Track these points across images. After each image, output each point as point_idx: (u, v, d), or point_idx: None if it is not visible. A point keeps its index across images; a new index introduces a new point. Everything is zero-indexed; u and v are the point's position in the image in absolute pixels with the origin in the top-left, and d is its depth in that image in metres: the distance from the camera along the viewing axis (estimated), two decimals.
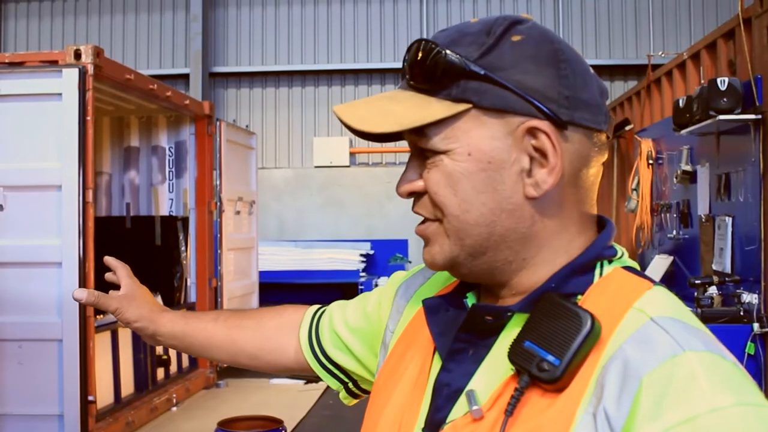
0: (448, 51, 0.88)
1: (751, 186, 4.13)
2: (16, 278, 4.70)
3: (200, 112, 7.01)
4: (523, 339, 0.83)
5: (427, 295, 1.06)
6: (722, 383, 0.72)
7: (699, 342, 0.77)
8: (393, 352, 1.07)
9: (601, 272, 0.89)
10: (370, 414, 1.03)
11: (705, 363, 0.74)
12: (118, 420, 5.18)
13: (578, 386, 0.79)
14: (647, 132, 6.02)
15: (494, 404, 0.84)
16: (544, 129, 0.87)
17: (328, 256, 9.12)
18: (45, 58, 4.91)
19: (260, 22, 10.67)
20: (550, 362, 0.79)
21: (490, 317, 0.89)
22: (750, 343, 3.82)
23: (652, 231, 5.86)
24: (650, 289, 0.85)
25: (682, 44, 9.41)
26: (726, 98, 4.13)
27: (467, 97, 0.87)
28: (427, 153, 0.90)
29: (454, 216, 0.89)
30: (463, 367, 0.89)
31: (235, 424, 3.86)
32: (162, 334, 1.41)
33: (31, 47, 10.76)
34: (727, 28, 4.72)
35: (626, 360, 0.76)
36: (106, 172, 7.22)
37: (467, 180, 0.88)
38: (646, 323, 0.80)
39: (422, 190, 0.92)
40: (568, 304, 0.82)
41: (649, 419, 0.71)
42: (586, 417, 0.76)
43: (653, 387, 0.73)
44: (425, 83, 0.89)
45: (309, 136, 10.59)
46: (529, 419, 0.80)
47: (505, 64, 0.87)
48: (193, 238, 7.13)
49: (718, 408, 0.69)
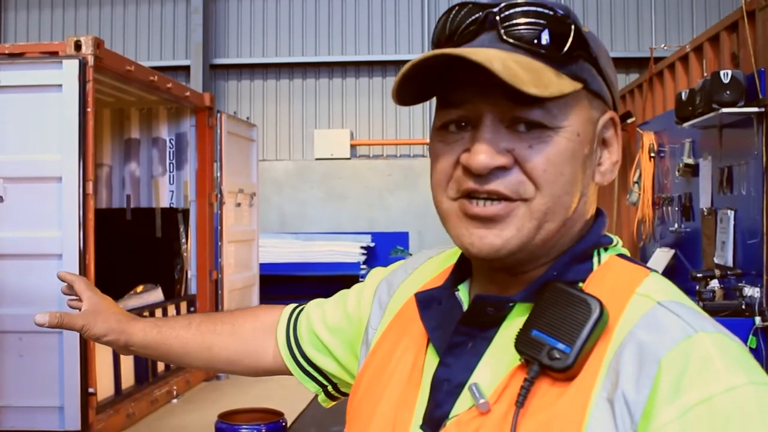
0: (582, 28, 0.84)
1: (754, 179, 4.11)
2: (17, 270, 4.69)
3: (201, 103, 6.99)
4: (530, 328, 0.81)
5: (410, 290, 1.03)
6: (735, 363, 0.74)
7: (709, 324, 0.78)
8: (378, 348, 1.03)
9: (599, 260, 0.89)
10: (359, 412, 0.99)
11: (717, 344, 0.75)
12: (119, 412, 5.18)
13: (589, 373, 0.78)
14: (649, 125, 6.00)
15: (500, 397, 0.82)
16: (616, 120, 0.90)
17: (328, 248, 9.11)
18: (45, 50, 4.89)
19: (261, 14, 10.64)
20: (561, 350, 0.78)
21: (491, 308, 0.87)
22: (752, 337, 3.82)
23: (653, 224, 5.85)
24: (649, 276, 0.86)
25: (684, 37, 9.38)
26: (729, 91, 4.12)
27: (583, 76, 0.85)
28: (529, 126, 0.83)
29: (553, 197, 0.83)
30: (462, 361, 0.87)
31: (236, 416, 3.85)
32: (134, 344, 1.35)
33: (31, 38, 10.73)
34: (730, 21, 4.70)
35: (640, 344, 0.76)
36: (106, 163, 7.21)
37: (574, 160, 0.84)
38: (654, 307, 0.80)
39: (512, 164, 0.83)
40: (575, 291, 0.81)
41: (668, 400, 0.72)
42: (600, 403, 0.76)
43: (672, 368, 0.73)
44: (556, 52, 0.83)
45: (310, 128, 10.58)
46: (541, 410, 0.79)
47: (598, 52, 0.87)
48: (193, 230, 7.12)
49: (733, 387, 0.71)
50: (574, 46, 0.83)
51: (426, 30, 10.35)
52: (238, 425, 3.67)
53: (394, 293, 1.09)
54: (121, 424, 5.18)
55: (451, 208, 0.86)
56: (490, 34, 0.84)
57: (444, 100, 0.87)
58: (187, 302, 6.96)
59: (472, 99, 0.83)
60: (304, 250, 9.28)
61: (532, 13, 0.82)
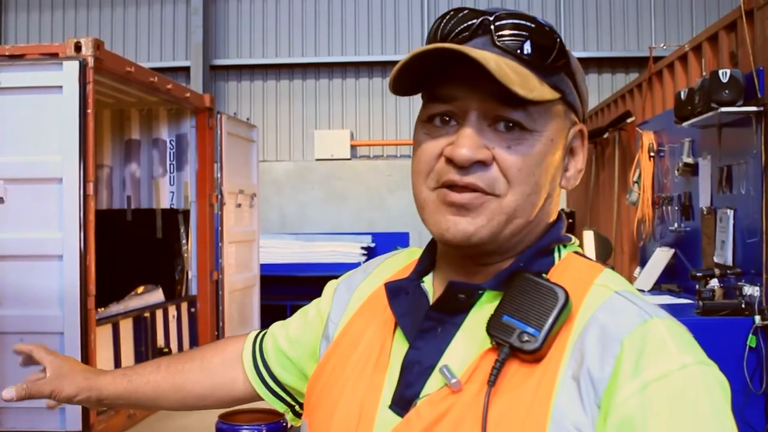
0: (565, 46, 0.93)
1: (753, 178, 4.11)
2: (17, 271, 4.70)
3: (201, 104, 7.00)
4: (501, 314, 0.88)
5: (371, 287, 1.10)
6: (685, 346, 0.84)
7: (660, 311, 0.88)
8: (340, 340, 1.07)
9: (559, 255, 0.97)
10: (322, 400, 1.02)
11: (669, 328, 0.85)
12: (120, 413, 5.18)
13: (556, 354, 0.85)
14: (649, 124, 6.00)
15: (471, 377, 0.88)
16: (584, 132, 0.99)
17: (329, 249, 9.12)
18: (45, 51, 4.90)
19: (261, 15, 10.64)
20: (531, 334, 0.85)
21: (463, 295, 0.93)
22: (751, 336, 3.82)
23: (653, 223, 5.85)
24: (604, 270, 0.95)
25: (683, 36, 9.38)
26: (728, 90, 4.12)
27: (562, 87, 0.93)
28: (510, 126, 0.90)
29: (524, 196, 0.90)
30: (432, 345, 0.92)
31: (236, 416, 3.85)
32: (106, 398, 1.36)
33: (31, 40, 10.74)
34: (729, 20, 4.70)
35: (603, 327, 0.85)
36: (106, 164, 7.22)
37: (545, 164, 0.92)
38: (613, 296, 0.89)
39: (491, 161, 0.89)
40: (543, 281, 0.89)
41: (630, 376, 0.80)
42: (567, 381, 0.83)
43: (632, 348, 0.82)
44: (542, 61, 0.90)
45: (310, 129, 10.58)
46: (511, 389, 0.85)
47: (577, 69, 0.96)
48: (194, 231, 7.12)
49: (685, 366, 0.82)
50: (557, 57, 0.91)
51: (425, 30, 10.34)
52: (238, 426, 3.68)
53: (354, 290, 1.14)
54: (122, 425, 5.18)
55: (430, 197, 0.92)
56: (484, 38, 0.91)
57: (432, 95, 0.93)
58: (187, 303, 6.96)
59: (460, 96, 0.89)
60: (304, 250, 9.28)
61: (523, 24, 0.90)
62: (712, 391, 0.82)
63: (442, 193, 0.91)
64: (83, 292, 4.65)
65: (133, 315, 5.91)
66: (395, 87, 0.92)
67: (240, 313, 7.53)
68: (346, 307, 1.13)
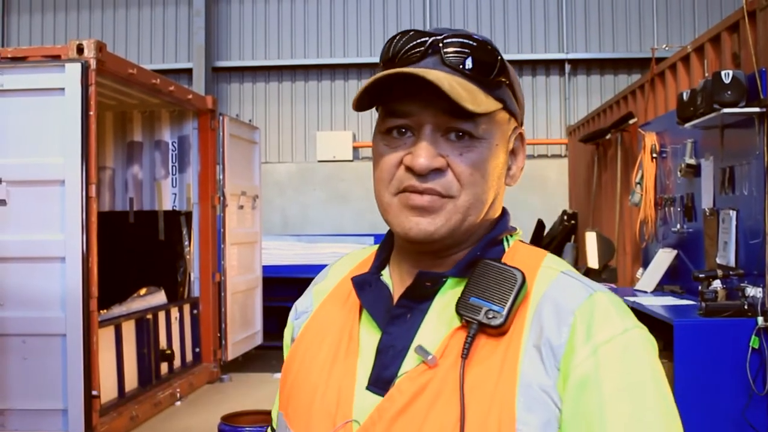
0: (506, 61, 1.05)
1: (756, 179, 4.11)
2: (20, 273, 4.70)
3: (203, 106, 7.00)
4: (468, 296, 1.00)
5: (329, 286, 1.21)
6: (624, 314, 1.00)
7: (599, 285, 1.04)
8: (305, 333, 1.16)
9: (508, 244, 1.10)
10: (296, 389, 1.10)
11: (610, 299, 1.01)
12: (122, 414, 5.19)
13: (518, 328, 0.98)
14: (651, 125, 5.99)
15: (444, 353, 0.99)
16: (523, 135, 1.12)
17: (331, 250, 9.11)
18: (48, 53, 4.91)
19: (263, 17, 10.66)
20: (495, 311, 0.98)
21: (429, 283, 1.04)
22: (754, 337, 3.80)
23: (656, 225, 5.84)
24: (547, 255, 1.09)
25: (686, 37, 9.38)
26: (730, 91, 4.11)
27: (503, 98, 1.05)
28: (461, 135, 1.01)
29: (475, 195, 1.02)
30: (403, 330, 1.03)
31: (239, 418, 3.86)
32: None
33: (34, 42, 10.76)
34: (731, 21, 4.69)
35: (556, 301, 0.99)
36: (109, 166, 7.22)
37: (493, 166, 1.04)
38: (559, 275, 1.04)
39: (445, 167, 1.01)
40: (502, 265, 1.02)
41: (583, 342, 0.95)
42: (530, 349, 0.96)
43: (583, 317, 0.97)
44: (485, 77, 1.02)
45: (312, 131, 10.59)
46: (481, 361, 0.97)
47: (514, 80, 1.08)
48: (196, 233, 7.12)
49: (627, 329, 0.97)
50: (499, 72, 1.03)
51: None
52: (241, 427, 3.69)
53: (312, 298, 1.23)
54: (125, 426, 5.19)
55: (393, 201, 1.04)
56: (434, 58, 1.02)
57: (389, 110, 1.04)
58: (190, 305, 6.97)
59: (416, 111, 1.01)
60: (306, 252, 9.29)
61: (468, 44, 1.02)
62: (648, 349, 0.99)
63: (404, 197, 1.02)
64: (85, 294, 4.65)
65: (136, 317, 5.91)
66: (358, 106, 1.03)
67: (242, 314, 7.53)
68: (306, 311, 1.22)
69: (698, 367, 3.83)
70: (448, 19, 10.32)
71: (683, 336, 3.87)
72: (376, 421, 0.99)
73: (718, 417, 3.80)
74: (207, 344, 7.04)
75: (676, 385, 3.85)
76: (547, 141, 10.36)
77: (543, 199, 10.08)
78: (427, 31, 1.04)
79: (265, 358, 7.98)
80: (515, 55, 10.27)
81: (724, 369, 3.82)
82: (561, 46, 10.29)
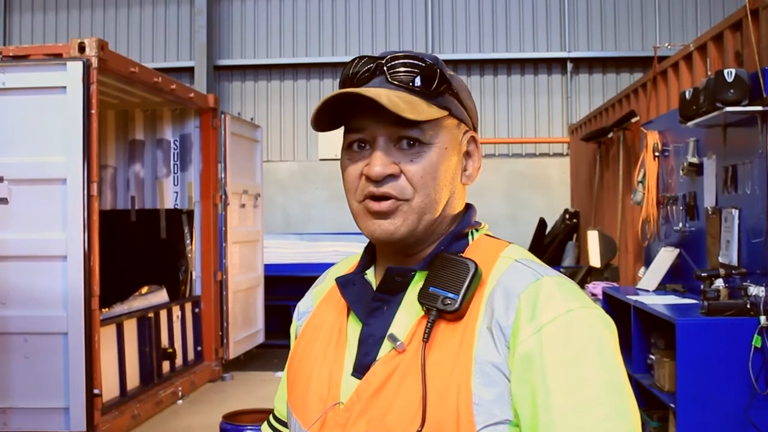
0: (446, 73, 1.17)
1: (758, 178, 4.10)
2: (22, 272, 4.70)
3: (205, 105, 7.00)
4: (428, 286, 1.12)
5: (325, 288, 1.33)
6: (570, 295, 1.09)
7: (551, 271, 1.14)
8: (305, 330, 1.29)
9: (472, 238, 1.21)
10: (298, 375, 1.24)
11: (557, 282, 1.10)
12: (124, 413, 5.19)
13: (473, 313, 1.09)
14: (653, 124, 5.98)
15: (412, 339, 1.11)
16: (476, 138, 1.23)
17: (333, 249, 9.12)
18: (49, 51, 4.90)
19: (265, 15, 10.65)
20: (452, 298, 1.09)
21: (398, 277, 1.16)
22: (757, 336, 3.80)
23: (658, 223, 5.83)
24: (509, 245, 1.20)
25: (688, 36, 9.36)
26: (733, 90, 4.10)
27: (448, 106, 1.17)
28: (411, 143, 1.13)
29: (428, 196, 1.13)
30: (380, 321, 1.15)
31: (241, 417, 3.86)
32: None
33: (36, 40, 10.76)
34: (734, 20, 4.68)
35: (505, 287, 1.10)
36: (110, 165, 7.22)
37: (443, 169, 1.15)
38: (513, 263, 1.14)
39: (399, 173, 1.13)
40: (456, 257, 1.13)
41: (527, 321, 1.05)
42: (483, 331, 1.07)
43: (528, 300, 1.07)
44: (426, 89, 1.14)
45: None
46: (441, 344, 1.09)
47: (459, 89, 1.20)
48: (198, 232, 7.13)
49: (570, 309, 1.06)
50: (439, 84, 1.15)
51: (429, 30, 10.35)
52: (242, 426, 3.69)
53: (312, 301, 1.36)
54: (127, 425, 5.19)
55: (359, 207, 1.16)
56: (380, 77, 1.15)
57: (348, 127, 1.16)
58: (191, 303, 6.97)
59: (368, 125, 1.13)
60: (308, 250, 9.28)
61: (409, 63, 1.15)
62: (594, 326, 1.06)
63: (366, 204, 1.14)
64: (87, 293, 4.66)
65: (137, 315, 5.91)
66: (316, 125, 1.16)
67: (244, 313, 7.54)
68: (307, 312, 1.35)
69: (700, 367, 3.82)
70: (449, 18, 10.32)
71: (685, 335, 3.87)
72: (356, 401, 1.12)
73: (721, 416, 3.79)
74: (208, 343, 7.04)
75: (678, 384, 3.84)
76: (549, 140, 10.35)
77: (545, 197, 10.07)
78: (376, 57, 1.17)
79: (267, 356, 7.99)
80: (517, 54, 10.27)
81: (726, 368, 3.81)
82: (563, 45, 10.28)
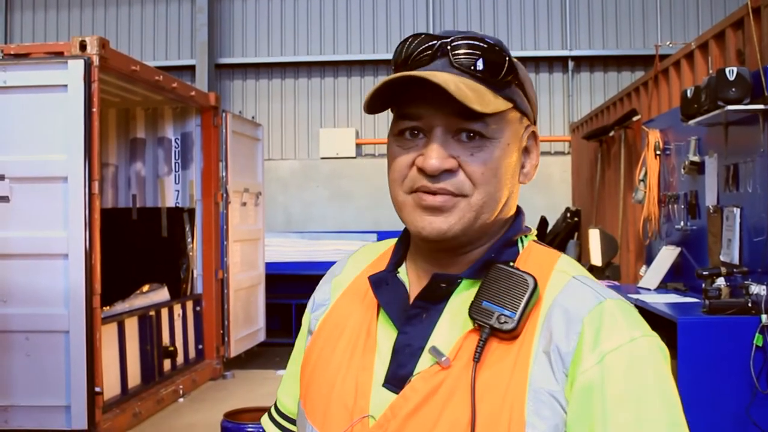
0: (514, 61, 1.07)
1: (760, 177, 4.10)
2: (23, 270, 4.71)
3: (206, 103, 7.00)
4: (481, 300, 1.02)
5: (346, 281, 1.22)
6: (633, 322, 1.00)
7: (612, 293, 1.04)
8: (324, 325, 1.18)
9: (522, 245, 1.11)
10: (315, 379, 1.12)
11: (619, 307, 1.01)
12: (125, 411, 5.19)
13: (528, 333, 1.00)
14: (655, 122, 5.98)
15: (458, 355, 1.01)
16: (536, 133, 1.13)
17: (334, 247, 9.12)
18: (50, 50, 4.90)
19: (266, 13, 10.65)
20: (507, 316, 1.00)
21: (444, 284, 1.06)
22: (758, 335, 3.80)
23: (659, 222, 5.83)
24: (561, 257, 1.10)
25: (690, 34, 9.35)
26: (734, 88, 4.10)
27: (513, 98, 1.06)
28: (471, 136, 1.03)
29: (488, 194, 1.04)
30: (419, 330, 1.05)
31: (242, 415, 3.87)
32: None
33: (37, 39, 10.76)
34: (735, 18, 4.68)
35: (566, 308, 1.00)
36: (112, 163, 7.23)
37: (505, 165, 1.05)
38: (571, 280, 1.04)
39: (457, 168, 1.03)
40: (515, 270, 1.03)
41: (590, 349, 0.96)
42: (539, 354, 0.98)
43: (591, 325, 0.98)
44: (493, 78, 1.03)
45: (315, 128, 10.58)
46: (493, 364, 0.99)
47: (525, 79, 1.10)
48: (199, 230, 7.13)
49: (634, 338, 0.98)
50: (507, 73, 1.04)
51: (430, 28, 10.34)
52: (243, 424, 3.69)
53: (330, 292, 1.24)
54: (128, 423, 5.19)
55: (407, 200, 1.07)
56: (443, 60, 1.04)
57: (401, 112, 1.07)
58: (193, 301, 6.97)
59: (426, 114, 1.03)
60: (309, 249, 9.29)
61: (476, 45, 1.04)
62: (656, 357, 0.99)
63: (417, 197, 1.05)
64: (89, 291, 4.66)
65: (139, 313, 5.91)
66: (369, 108, 1.07)
67: (245, 311, 7.54)
68: (324, 304, 1.23)
69: (702, 365, 3.82)
70: (451, 16, 10.31)
71: (687, 334, 3.87)
72: (390, 418, 1.01)
73: (722, 415, 3.79)
74: (210, 341, 7.04)
75: (679, 383, 3.84)
76: (550, 138, 10.34)
77: (546, 196, 10.07)
78: (437, 35, 1.06)
79: (268, 354, 7.99)
80: (518, 52, 10.25)
81: (727, 367, 3.81)
82: (564, 43, 10.27)
